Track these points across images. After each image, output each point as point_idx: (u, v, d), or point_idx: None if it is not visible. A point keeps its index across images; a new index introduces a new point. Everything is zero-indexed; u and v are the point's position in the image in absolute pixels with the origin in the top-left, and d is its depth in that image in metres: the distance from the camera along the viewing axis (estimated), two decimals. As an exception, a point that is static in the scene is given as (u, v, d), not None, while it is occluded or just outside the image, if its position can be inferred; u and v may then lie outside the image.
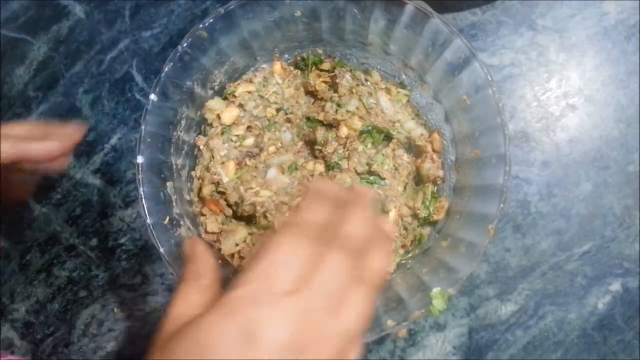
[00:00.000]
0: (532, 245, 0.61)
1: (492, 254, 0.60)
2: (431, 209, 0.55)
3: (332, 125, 0.57)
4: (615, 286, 0.60)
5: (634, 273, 0.60)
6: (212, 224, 0.54)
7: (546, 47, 0.63)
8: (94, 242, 0.64)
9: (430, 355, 0.59)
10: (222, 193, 0.55)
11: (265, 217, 0.53)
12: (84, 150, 0.66)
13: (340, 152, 0.56)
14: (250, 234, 0.54)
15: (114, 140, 0.66)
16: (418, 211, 0.55)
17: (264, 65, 0.59)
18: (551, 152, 0.62)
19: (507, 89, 0.63)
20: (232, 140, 0.56)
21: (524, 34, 0.63)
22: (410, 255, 0.55)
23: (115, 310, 0.62)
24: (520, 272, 0.60)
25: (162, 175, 0.50)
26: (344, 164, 0.56)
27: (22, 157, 0.45)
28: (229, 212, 0.55)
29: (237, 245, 0.54)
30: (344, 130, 0.55)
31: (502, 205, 0.46)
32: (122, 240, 0.64)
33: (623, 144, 0.61)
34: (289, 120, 0.58)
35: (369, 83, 0.57)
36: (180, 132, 0.53)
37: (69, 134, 0.47)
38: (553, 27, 0.63)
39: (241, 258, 0.54)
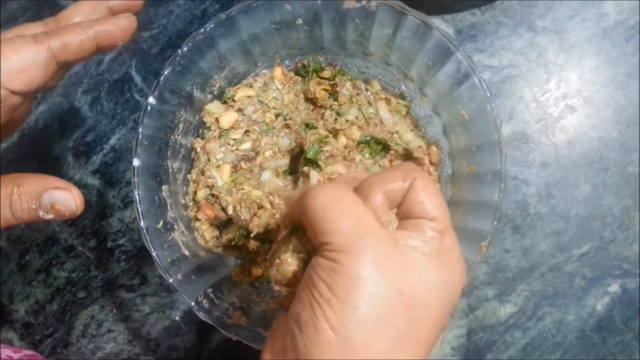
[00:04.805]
0: (531, 246, 0.60)
1: (492, 254, 0.60)
2: None
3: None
4: (614, 287, 0.60)
5: (633, 274, 0.60)
6: (208, 231, 0.54)
7: (545, 48, 0.63)
8: (93, 242, 0.64)
9: (429, 356, 0.59)
10: (216, 197, 0.54)
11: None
12: (83, 150, 0.66)
13: None
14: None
15: (113, 141, 0.66)
16: None
17: (265, 71, 0.58)
18: (550, 153, 0.61)
19: (506, 90, 0.62)
20: (229, 143, 0.56)
21: (523, 34, 0.63)
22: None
23: (114, 311, 0.63)
24: (519, 273, 0.60)
25: (158, 179, 0.50)
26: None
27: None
28: (224, 216, 0.55)
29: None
30: (342, 140, 0.55)
31: (496, 222, 0.46)
32: (121, 241, 0.64)
33: (622, 145, 0.61)
34: (287, 126, 0.57)
35: (369, 93, 0.57)
36: (178, 135, 0.53)
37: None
38: (552, 28, 0.63)
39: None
